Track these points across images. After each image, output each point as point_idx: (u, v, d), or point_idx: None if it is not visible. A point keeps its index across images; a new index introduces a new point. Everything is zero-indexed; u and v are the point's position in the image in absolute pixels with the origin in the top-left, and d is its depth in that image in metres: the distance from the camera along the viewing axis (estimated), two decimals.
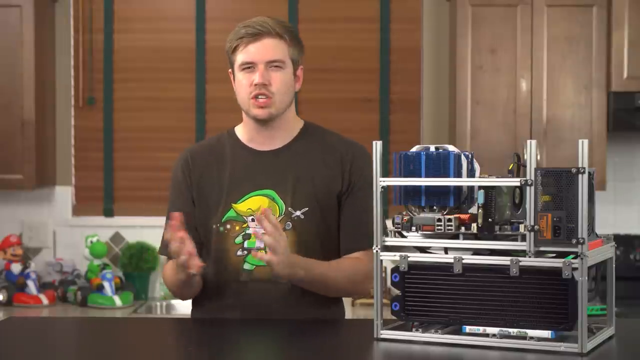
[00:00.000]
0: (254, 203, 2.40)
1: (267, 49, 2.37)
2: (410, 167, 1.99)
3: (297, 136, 2.47)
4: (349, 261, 2.40)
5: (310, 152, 2.45)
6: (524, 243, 1.89)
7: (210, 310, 2.43)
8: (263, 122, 2.41)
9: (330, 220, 2.42)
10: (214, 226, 2.41)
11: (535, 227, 1.87)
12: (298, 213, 2.39)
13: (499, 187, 1.94)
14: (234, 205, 2.41)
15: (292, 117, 2.48)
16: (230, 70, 2.47)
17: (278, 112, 2.40)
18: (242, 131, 2.50)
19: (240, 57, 2.38)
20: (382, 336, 2.00)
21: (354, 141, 2.50)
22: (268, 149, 2.45)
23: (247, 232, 2.39)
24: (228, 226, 2.40)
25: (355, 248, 2.40)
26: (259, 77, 2.35)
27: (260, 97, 2.37)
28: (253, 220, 2.38)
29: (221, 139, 2.52)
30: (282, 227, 2.33)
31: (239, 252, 2.39)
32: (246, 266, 2.39)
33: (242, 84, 2.39)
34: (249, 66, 2.38)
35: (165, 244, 2.48)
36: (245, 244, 2.38)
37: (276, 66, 2.38)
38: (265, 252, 2.22)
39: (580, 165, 1.84)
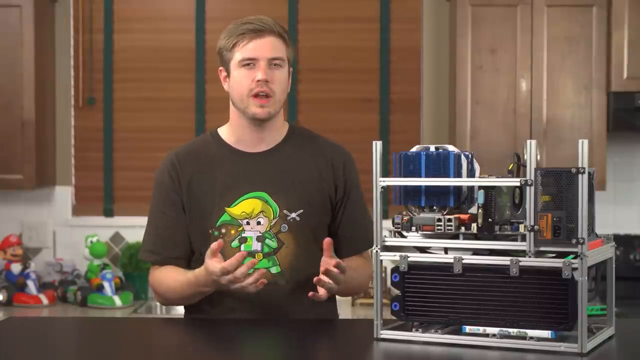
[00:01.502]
0: (247, 206, 2.38)
1: (270, 45, 2.36)
2: (410, 167, 1.99)
3: (285, 138, 2.46)
4: (358, 262, 2.45)
5: (299, 154, 2.44)
6: (523, 243, 1.89)
7: (209, 315, 2.41)
8: (258, 122, 2.39)
9: (324, 220, 2.44)
10: (209, 231, 2.39)
11: (535, 227, 1.87)
12: (294, 215, 2.38)
13: (499, 187, 1.94)
14: (227, 209, 2.39)
15: (281, 119, 2.47)
16: (221, 68, 2.44)
17: (275, 112, 2.39)
18: (227, 132, 2.47)
19: (240, 54, 2.35)
20: (382, 336, 2.00)
21: (340, 145, 2.52)
22: (257, 151, 2.43)
23: (243, 235, 2.38)
24: (223, 230, 2.38)
25: (359, 250, 2.46)
26: (262, 74, 2.33)
27: (261, 94, 2.35)
28: (248, 223, 2.38)
29: (206, 141, 2.49)
30: (277, 229, 2.37)
31: None
32: None
33: (241, 81, 2.36)
34: (249, 62, 2.35)
35: (149, 249, 2.48)
36: (242, 248, 2.37)
37: (276, 64, 2.36)
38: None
39: (580, 165, 1.84)
